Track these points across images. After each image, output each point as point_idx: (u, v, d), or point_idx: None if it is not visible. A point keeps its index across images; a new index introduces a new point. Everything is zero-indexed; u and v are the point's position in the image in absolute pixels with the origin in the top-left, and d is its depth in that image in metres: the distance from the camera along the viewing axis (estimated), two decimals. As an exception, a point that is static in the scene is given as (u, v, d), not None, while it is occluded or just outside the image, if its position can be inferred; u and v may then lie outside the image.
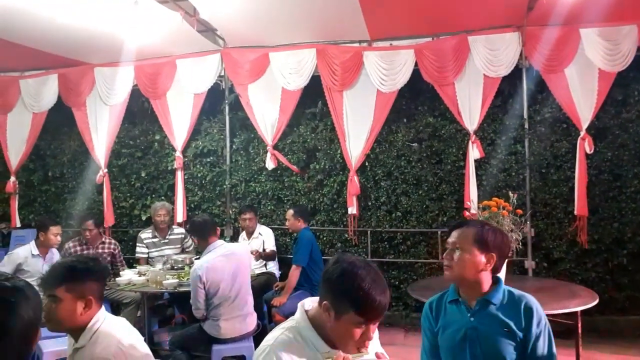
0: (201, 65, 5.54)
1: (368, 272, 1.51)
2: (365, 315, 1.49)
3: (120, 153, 6.14)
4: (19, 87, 6.14)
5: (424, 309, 2.18)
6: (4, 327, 1.04)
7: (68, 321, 1.88)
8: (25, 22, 4.52)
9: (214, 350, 3.65)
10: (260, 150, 5.66)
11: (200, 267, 3.58)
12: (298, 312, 1.64)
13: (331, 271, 1.54)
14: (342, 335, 1.53)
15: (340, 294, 1.50)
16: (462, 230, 2.07)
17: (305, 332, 1.58)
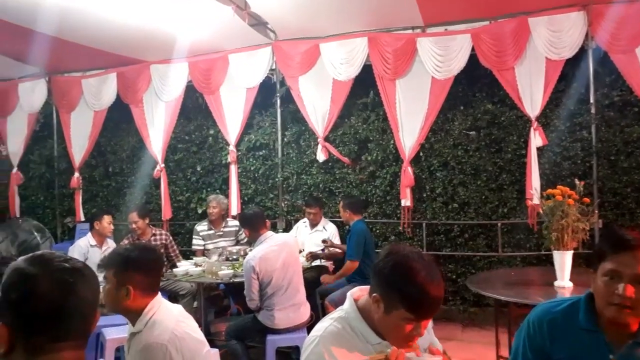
0: (253, 59, 5.57)
1: (423, 266, 1.41)
2: (417, 312, 1.40)
3: (176, 148, 6.29)
4: (81, 87, 6.40)
5: (539, 323, 1.66)
6: (63, 307, 1.05)
7: (116, 305, 1.92)
8: (86, 23, 4.69)
9: (269, 340, 3.65)
10: (312, 142, 5.63)
11: (253, 258, 3.60)
12: (347, 302, 1.58)
13: (383, 264, 1.46)
14: (391, 330, 1.46)
15: (392, 289, 1.42)
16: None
17: (354, 322, 1.51)
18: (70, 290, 1.07)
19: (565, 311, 1.64)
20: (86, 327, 1.12)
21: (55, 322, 1.05)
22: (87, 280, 1.11)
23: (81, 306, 1.08)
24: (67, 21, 4.59)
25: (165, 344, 1.81)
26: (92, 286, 1.13)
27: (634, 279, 1.47)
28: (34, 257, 1.11)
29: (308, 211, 5.06)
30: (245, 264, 3.67)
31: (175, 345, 1.83)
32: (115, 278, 1.92)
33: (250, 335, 3.84)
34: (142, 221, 4.93)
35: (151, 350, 1.80)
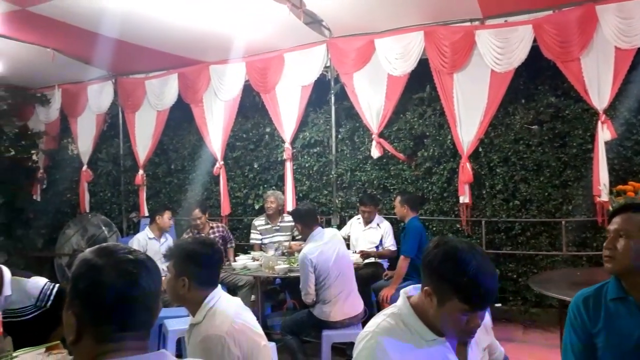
0: (308, 57, 5.61)
1: (473, 255, 1.38)
2: (470, 302, 1.37)
3: (234, 146, 6.45)
4: (145, 88, 6.67)
5: (575, 305, 1.83)
6: (127, 297, 1.10)
7: (175, 295, 2.00)
8: (148, 26, 4.87)
9: (324, 335, 3.68)
10: (366, 138, 5.61)
11: (310, 252, 3.66)
12: (400, 299, 1.56)
13: (432, 255, 1.44)
14: (446, 323, 1.43)
15: (443, 279, 1.40)
16: (628, 215, 1.76)
17: (408, 319, 1.49)
18: (134, 281, 1.10)
19: (597, 289, 1.82)
20: (149, 317, 1.15)
21: (120, 312, 1.09)
22: (150, 271, 1.15)
23: (144, 297, 1.12)
24: (130, 24, 4.78)
25: (224, 335, 1.86)
26: (155, 278, 1.16)
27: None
28: (100, 248, 1.16)
29: (362, 209, 5.03)
30: (301, 259, 3.71)
31: (233, 337, 1.87)
32: (174, 269, 2.00)
33: (305, 330, 3.89)
34: (204, 216, 5.15)
35: (210, 342, 1.85)
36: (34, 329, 2.55)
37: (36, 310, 2.63)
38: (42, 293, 2.64)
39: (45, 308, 2.64)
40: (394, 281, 4.44)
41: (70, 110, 7.23)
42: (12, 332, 2.60)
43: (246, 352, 1.90)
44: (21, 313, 2.59)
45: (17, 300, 2.59)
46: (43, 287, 2.66)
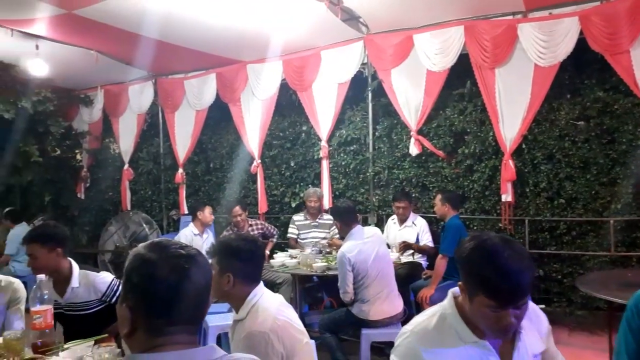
0: (345, 54, 5.58)
1: (504, 249, 1.32)
2: (496, 298, 1.30)
3: (271, 144, 6.48)
4: (184, 88, 6.79)
5: (635, 304, 1.70)
6: (179, 291, 1.11)
7: (219, 291, 1.99)
8: (187, 27, 4.95)
9: (363, 334, 3.65)
10: (404, 136, 5.53)
11: (348, 251, 3.63)
12: (447, 299, 1.51)
13: (464, 248, 1.39)
14: (479, 320, 1.38)
15: (470, 273, 1.36)
16: None
17: (451, 319, 1.45)
18: (185, 275, 1.12)
19: None
20: (199, 312, 1.17)
21: (173, 306, 1.11)
22: (201, 266, 1.16)
23: (195, 291, 1.13)
24: (170, 25, 4.86)
25: (267, 332, 1.86)
26: (205, 273, 1.17)
27: None
28: (152, 243, 1.18)
29: (397, 205, 4.98)
30: (339, 257, 3.70)
31: (277, 334, 1.87)
32: (218, 265, 2.00)
33: (343, 329, 3.87)
34: (244, 213, 5.24)
35: (253, 338, 1.85)
36: (93, 322, 2.63)
37: (100, 304, 2.71)
38: (109, 289, 2.72)
39: (109, 303, 2.72)
40: (433, 281, 4.36)
41: (112, 110, 7.43)
42: (70, 324, 2.69)
43: (289, 349, 1.90)
44: (85, 306, 2.68)
45: (83, 293, 2.67)
46: (110, 283, 2.73)
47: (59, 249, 2.60)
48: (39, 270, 2.57)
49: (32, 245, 2.57)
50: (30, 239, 2.59)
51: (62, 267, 2.65)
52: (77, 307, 2.67)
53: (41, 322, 2.31)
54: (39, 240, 2.56)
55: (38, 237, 2.58)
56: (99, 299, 2.70)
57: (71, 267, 2.68)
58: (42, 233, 2.63)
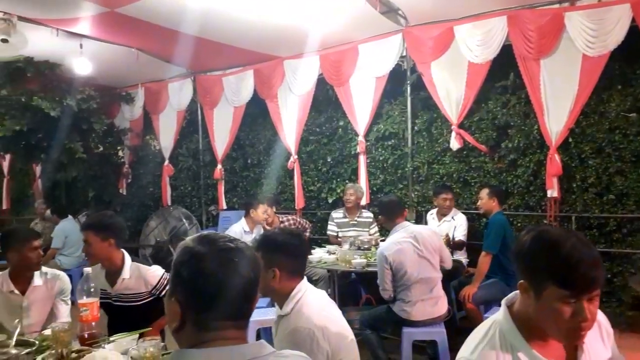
0: (382, 47, 5.49)
1: (567, 236, 1.24)
2: (570, 285, 1.20)
3: (308, 140, 6.46)
4: (222, 84, 6.84)
5: None
6: (228, 285, 1.09)
7: (264, 286, 1.96)
8: (225, 23, 4.98)
9: (405, 332, 3.57)
10: (444, 130, 5.41)
11: (386, 248, 3.57)
12: (501, 311, 1.40)
13: (521, 243, 1.30)
14: (549, 318, 1.25)
15: (535, 266, 1.25)
16: None
17: (509, 335, 1.33)
18: (235, 269, 1.10)
19: None
20: (248, 306, 1.15)
21: (221, 300, 1.08)
22: (250, 260, 1.14)
23: (244, 285, 1.11)
24: (208, 22, 4.89)
25: (313, 329, 1.83)
26: (254, 266, 1.14)
27: None
28: (201, 237, 1.16)
29: (443, 197, 4.86)
30: (378, 254, 3.65)
31: (322, 331, 1.84)
32: (263, 260, 1.98)
33: (384, 326, 3.81)
34: (270, 209, 5.19)
35: (299, 335, 1.82)
36: (139, 315, 2.67)
37: (149, 297, 2.75)
38: (159, 283, 2.76)
39: (157, 297, 2.76)
40: (476, 279, 4.24)
41: (153, 107, 7.57)
42: (116, 315, 2.74)
43: (334, 346, 1.86)
44: (134, 298, 2.73)
45: (134, 285, 2.72)
46: (161, 277, 2.78)
47: (112, 240, 2.66)
48: (92, 257, 2.65)
49: (87, 231, 2.65)
50: (87, 226, 2.68)
51: (114, 257, 2.70)
52: (126, 298, 2.72)
53: (87, 315, 2.35)
54: (93, 228, 2.65)
55: (93, 225, 2.67)
56: (148, 292, 2.74)
57: (123, 259, 2.74)
58: (97, 222, 2.70)
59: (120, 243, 2.74)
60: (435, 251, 3.66)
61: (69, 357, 2.12)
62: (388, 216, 3.76)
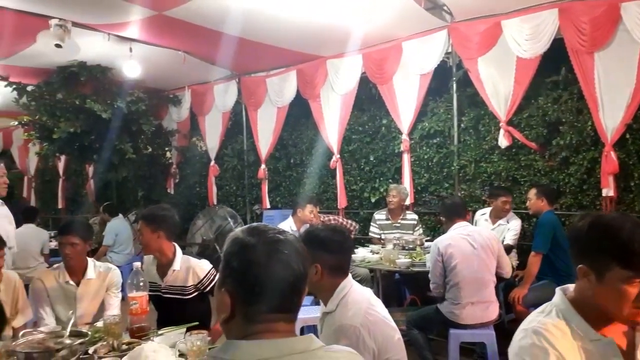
0: (427, 44, 5.40)
1: (624, 219, 1.25)
2: (634, 265, 1.21)
3: (350, 139, 6.43)
4: (266, 85, 6.91)
5: None
6: (276, 276, 1.08)
7: (309, 284, 1.95)
8: (268, 23, 5.01)
9: (452, 334, 3.49)
10: (492, 127, 5.26)
11: (440, 241, 3.57)
12: (557, 296, 1.41)
13: (578, 228, 1.32)
14: (613, 300, 1.26)
15: (596, 249, 1.26)
16: None
17: (567, 315, 1.33)
18: (283, 261, 1.09)
19: None
20: (297, 300, 1.13)
21: (270, 292, 1.08)
22: (298, 253, 1.13)
23: (294, 278, 1.10)
24: (252, 22, 4.93)
25: (359, 326, 1.80)
26: (302, 259, 1.13)
27: None
28: (250, 228, 1.16)
29: (504, 200, 4.64)
30: (432, 246, 3.65)
31: (368, 328, 1.81)
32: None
33: (431, 327, 3.74)
34: (315, 209, 5.16)
35: (344, 332, 1.80)
36: (186, 309, 2.73)
37: (195, 292, 2.80)
38: (206, 277, 2.81)
39: (203, 291, 2.81)
40: (526, 280, 4.10)
41: (199, 109, 7.74)
42: (165, 308, 2.81)
43: (380, 345, 1.83)
44: (182, 291, 2.79)
45: (183, 277, 2.79)
46: (208, 272, 2.83)
47: (161, 232, 2.74)
48: (144, 247, 2.76)
49: (140, 222, 2.78)
50: (140, 217, 2.83)
51: (164, 250, 2.78)
52: (175, 291, 2.79)
53: (137, 308, 2.42)
54: (144, 220, 2.76)
55: (144, 217, 2.79)
56: (194, 285, 2.79)
57: (175, 252, 2.82)
58: (149, 214, 2.82)
59: (171, 236, 2.81)
60: (492, 254, 3.57)
61: (119, 348, 2.18)
62: (447, 216, 3.73)
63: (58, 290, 2.77)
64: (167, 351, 2.04)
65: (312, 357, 1.08)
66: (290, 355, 1.05)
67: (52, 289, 2.77)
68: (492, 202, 4.79)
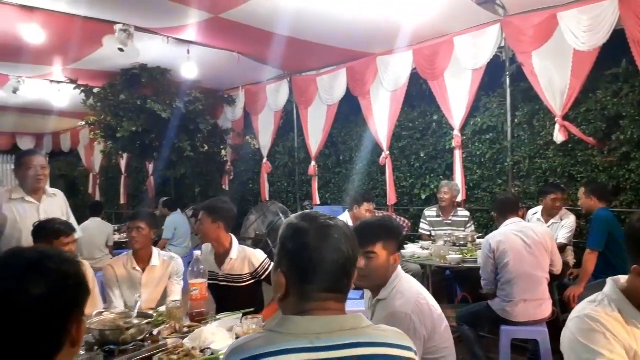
0: (479, 39, 5.32)
1: None
2: None
3: (400, 136, 6.44)
4: (316, 84, 7.02)
5: None
6: (327, 257, 1.17)
7: (380, 276, 2.00)
8: (318, 22, 5.08)
9: (503, 330, 3.46)
10: (547, 122, 5.12)
11: (492, 237, 3.53)
12: (608, 286, 1.43)
13: (633, 226, 1.36)
14: None
15: None
16: None
17: (619, 304, 1.36)
18: (333, 244, 1.18)
19: None
20: (347, 282, 1.22)
21: (322, 272, 1.17)
22: (349, 238, 1.22)
23: (343, 260, 1.19)
24: (302, 21, 5.02)
25: (410, 314, 1.87)
26: (353, 245, 1.22)
27: None
28: (303, 214, 1.26)
29: (553, 197, 4.53)
30: (483, 243, 3.62)
31: (418, 316, 1.87)
32: (385, 250, 2.02)
33: (482, 323, 3.72)
34: (371, 206, 5.19)
35: (397, 318, 1.87)
36: (242, 296, 2.87)
37: (251, 279, 2.96)
38: (261, 266, 2.97)
39: (259, 279, 2.97)
40: (582, 279, 4.00)
41: (252, 108, 7.96)
42: (222, 295, 2.97)
43: (430, 332, 1.88)
44: (239, 279, 2.95)
45: (239, 266, 2.95)
46: (263, 261, 3.00)
47: (221, 223, 2.91)
48: (203, 236, 2.93)
49: (202, 213, 2.94)
50: (202, 207, 3.00)
51: (222, 239, 2.95)
52: (232, 279, 2.95)
53: (197, 294, 2.57)
54: (206, 211, 2.92)
55: (206, 208, 2.96)
56: (250, 273, 2.94)
57: (232, 242, 2.99)
58: (210, 205, 2.99)
59: (229, 228, 2.98)
60: (546, 250, 3.51)
61: (181, 331, 2.33)
62: (500, 213, 3.69)
63: (126, 276, 3.00)
64: (225, 334, 2.17)
65: (361, 333, 1.15)
66: (341, 331, 1.13)
67: (120, 274, 3.01)
68: (542, 200, 4.67)
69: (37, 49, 5.37)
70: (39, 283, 0.92)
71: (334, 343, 1.10)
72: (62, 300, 0.95)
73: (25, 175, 3.34)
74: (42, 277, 0.94)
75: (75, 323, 0.99)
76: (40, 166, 3.36)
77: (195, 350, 1.99)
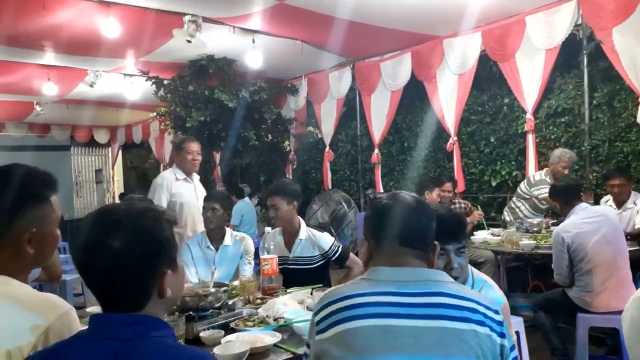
0: (553, 17, 5.04)
1: None
2: None
3: (469, 120, 6.25)
4: (380, 70, 6.94)
5: None
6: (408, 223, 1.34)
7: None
8: (380, 4, 5.02)
9: (580, 318, 3.27)
10: (629, 103, 4.80)
11: (563, 230, 3.30)
12: None
13: None
14: None
15: None
16: None
17: None
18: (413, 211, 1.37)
19: None
20: (426, 241, 1.35)
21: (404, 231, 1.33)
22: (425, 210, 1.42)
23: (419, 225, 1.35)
24: (364, 4, 4.96)
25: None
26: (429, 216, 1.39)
27: None
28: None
29: (610, 183, 4.32)
30: (554, 236, 3.39)
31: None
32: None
33: (558, 310, 3.54)
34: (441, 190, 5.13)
35: None
36: (310, 275, 2.92)
37: (322, 260, 3.04)
38: (331, 249, 3.04)
39: (328, 260, 3.03)
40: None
41: (315, 97, 7.99)
42: (291, 277, 3.03)
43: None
44: (308, 261, 3.02)
45: (307, 248, 3.01)
46: (332, 244, 3.05)
47: (295, 203, 2.98)
48: (279, 220, 2.98)
49: (275, 197, 2.97)
50: (275, 191, 3.00)
51: (294, 221, 3.03)
52: (301, 261, 3.01)
53: (268, 269, 2.63)
54: (280, 193, 2.96)
55: (280, 190, 2.99)
56: (320, 255, 3.01)
57: (300, 222, 3.05)
58: (283, 187, 3.04)
59: (299, 208, 3.02)
60: (621, 235, 3.30)
61: (254, 302, 2.39)
62: (564, 201, 3.46)
63: (200, 253, 3.14)
64: (296, 305, 2.20)
65: (445, 285, 1.27)
66: (426, 281, 1.25)
67: (196, 252, 3.13)
68: (607, 187, 4.41)
69: (112, 43, 5.65)
70: (116, 237, 1.02)
71: (420, 290, 1.23)
72: (138, 252, 1.03)
73: (185, 158, 3.93)
74: (119, 232, 1.03)
75: (160, 276, 1.06)
76: (197, 152, 3.96)
77: (269, 318, 2.03)
